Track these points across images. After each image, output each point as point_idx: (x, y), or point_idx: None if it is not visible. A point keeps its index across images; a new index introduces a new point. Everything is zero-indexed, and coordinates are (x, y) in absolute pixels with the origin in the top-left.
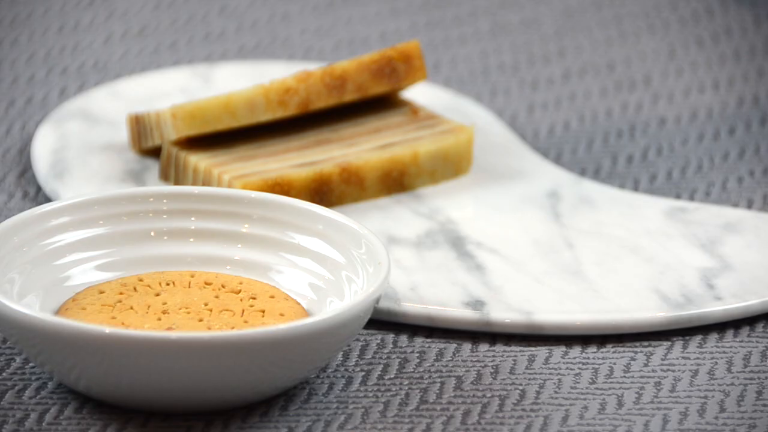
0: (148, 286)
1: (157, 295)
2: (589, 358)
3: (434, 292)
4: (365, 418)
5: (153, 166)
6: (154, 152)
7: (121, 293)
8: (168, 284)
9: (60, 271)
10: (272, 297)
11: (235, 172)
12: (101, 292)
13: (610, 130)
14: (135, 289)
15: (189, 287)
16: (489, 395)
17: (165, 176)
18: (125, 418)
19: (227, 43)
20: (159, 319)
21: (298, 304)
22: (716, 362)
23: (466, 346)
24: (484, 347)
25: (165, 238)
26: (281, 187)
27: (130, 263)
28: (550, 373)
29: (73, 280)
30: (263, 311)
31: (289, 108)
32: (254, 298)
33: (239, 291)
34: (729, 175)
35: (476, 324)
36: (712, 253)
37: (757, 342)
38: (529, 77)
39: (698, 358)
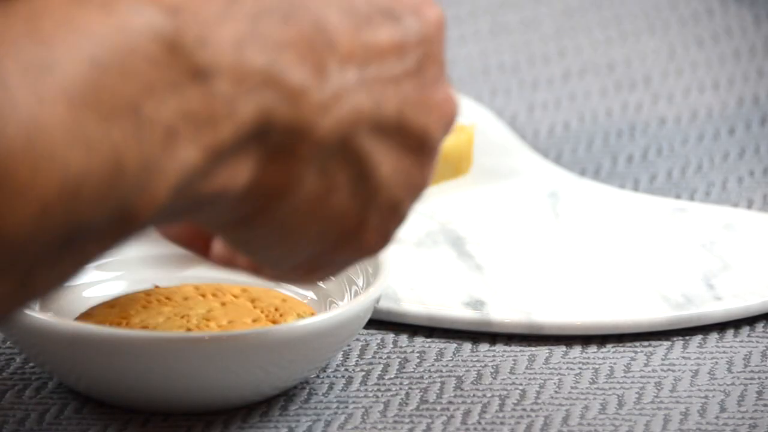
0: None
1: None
2: (589, 358)
3: (434, 292)
4: (365, 418)
5: None
6: None
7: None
8: (186, 299)
9: None
10: (284, 301)
11: None
12: (112, 307)
13: (610, 130)
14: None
15: (205, 297)
16: (489, 395)
17: None
18: (125, 418)
19: None
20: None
21: (309, 307)
22: (716, 362)
23: (466, 346)
24: (484, 347)
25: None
26: None
27: (131, 263)
28: (550, 373)
29: (73, 279)
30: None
31: None
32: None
33: (254, 300)
34: (729, 175)
35: (476, 324)
36: (712, 253)
37: (757, 342)
38: (529, 77)
39: (698, 358)
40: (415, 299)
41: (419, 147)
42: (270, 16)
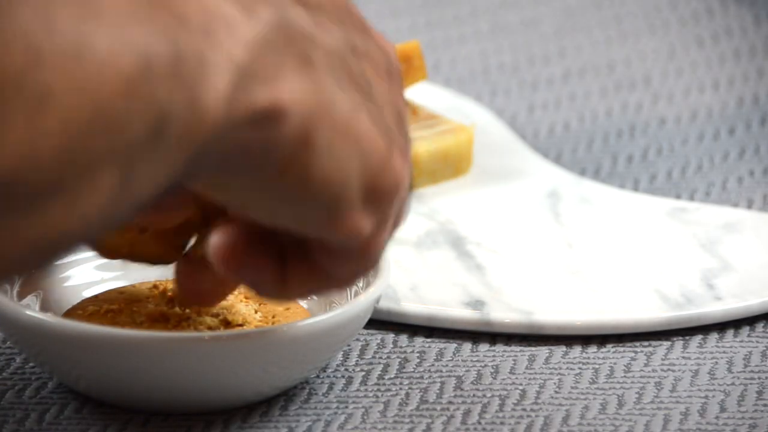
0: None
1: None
2: (589, 358)
3: (434, 292)
4: (365, 418)
5: None
6: None
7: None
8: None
9: (60, 271)
10: (287, 309)
11: None
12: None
13: (610, 130)
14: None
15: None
16: (489, 395)
17: None
18: (125, 418)
19: None
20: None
21: (301, 307)
22: (716, 362)
23: (466, 346)
24: (484, 347)
25: None
26: None
27: (130, 263)
28: (550, 373)
29: (73, 280)
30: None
31: None
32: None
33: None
34: (729, 175)
35: (476, 324)
36: (712, 253)
37: (757, 342)
38: (529, 77)
39: (698, 358)
40: (415, 299)
41: (386, 71)
42: None
